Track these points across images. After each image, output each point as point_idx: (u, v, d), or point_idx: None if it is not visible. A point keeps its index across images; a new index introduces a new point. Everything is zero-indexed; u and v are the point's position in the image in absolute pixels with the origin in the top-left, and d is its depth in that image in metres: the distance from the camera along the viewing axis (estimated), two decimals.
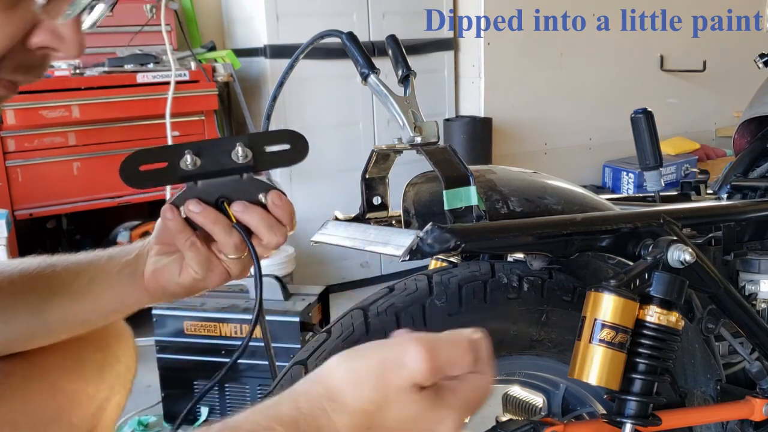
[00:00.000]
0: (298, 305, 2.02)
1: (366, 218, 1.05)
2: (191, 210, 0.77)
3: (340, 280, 3.37)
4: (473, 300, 0.92)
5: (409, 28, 3.39)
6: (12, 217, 2.59)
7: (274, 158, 0.79)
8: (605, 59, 3.98)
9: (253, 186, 0.78)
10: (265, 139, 0.79)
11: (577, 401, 1.08)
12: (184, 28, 3.19)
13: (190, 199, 0.77)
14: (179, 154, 0.75)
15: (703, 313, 1.03)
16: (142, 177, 0.75)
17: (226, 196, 0.78)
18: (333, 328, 0.92)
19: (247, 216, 0.78)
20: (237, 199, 0.78)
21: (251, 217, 0.78)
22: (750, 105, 1.51)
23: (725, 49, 4.32)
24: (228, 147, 0.77)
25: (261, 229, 0.78)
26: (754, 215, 1.16)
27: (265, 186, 0.79)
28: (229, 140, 0.77)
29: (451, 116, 3.62)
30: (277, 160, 0.80)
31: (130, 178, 0.74)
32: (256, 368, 2.03)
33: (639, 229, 0.96)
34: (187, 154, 0.75)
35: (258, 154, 0.77)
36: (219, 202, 0.78)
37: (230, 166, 0.76)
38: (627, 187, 3.97)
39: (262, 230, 0.78)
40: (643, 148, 1.20)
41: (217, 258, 0.81)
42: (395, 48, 1.02)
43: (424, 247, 0.84)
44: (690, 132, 4.36)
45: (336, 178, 3.27)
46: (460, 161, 0.93)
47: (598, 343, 0.85)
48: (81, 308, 0.88)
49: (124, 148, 2.82)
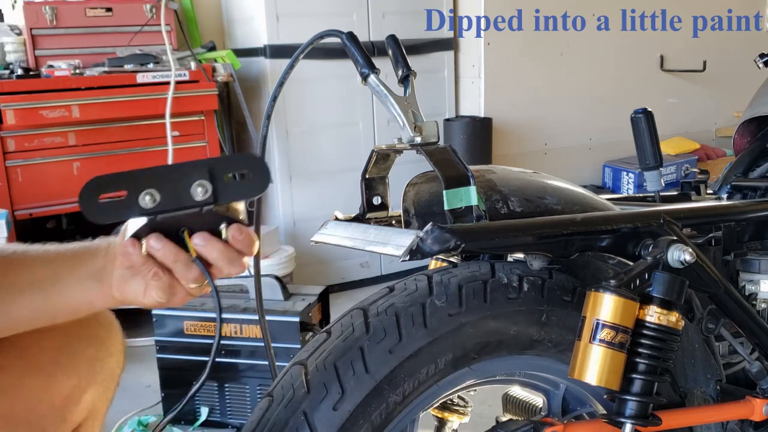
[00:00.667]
0: (298, 305, 2.02)
1: (366, 218, 1.05)
2: (152, 246, 0.77)
3: (340, 280, 3.37)
4: (473, 300, 0.91)
5: (409, 28, 3.39)
6: (12, 217, 2.59)
7: (234, 189, 0.77)
8: (605, 59, 3.98)
9: (214, 218, 0.78)
10: (225, 166, 0.76)
11: (577, 401, 1.08)
12: (184, 28, 3.19)
13: (151, 234, 0.77)
14: (138, 185, 0.73)
15: (703, 313, 1.03)
16: (101, 209, 0.73)
17: (187, 226, 0.78)
18: (333, 328, 0.92)
19: (206, 250, 0.78)
20: (198, 229, 0.78)
21: (211, 252, 0.78)
22: (750, 105, 1.51)
23: (725, 49, 4.32)
24: (188, 180, 0.74)
25: (220, 263, 0.79)
26: (754, 215, 1.16)
27: (226, 219, 0.78)
28: (189, 171, 0.74)
29: (451, 116, 3.63)
30: (237, 191, 0.77)
31: (89, 208, 0.72)
32: (256, 368, 2.03)
33: (639, 229, 0.96)
34: (146, 194, 0.73)
35: (218, 186, 0.75)
36: (180, 232, 0.78)
37: (190, 202, 0.75)
38: (627, 187, 3.96)
39: (222, 264, 0.79)
40: (643, 148, 1.20)
41: (179, 283, 0.82)
42: (395, 48, 1.02)
43: (424, 247, 0.84)
44: (690, 132, 4.36)
45: (336, 178, 3.27)
46: (460, 161, 0.93)
47: (598, 343, 0.85)
48: (47, 301, 0.87)
49: (124, 148, 2.82)
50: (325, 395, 0.84)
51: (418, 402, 0.89)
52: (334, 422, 0.84)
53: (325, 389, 0.85)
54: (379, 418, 0.86)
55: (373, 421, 0.85)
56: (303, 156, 3.25)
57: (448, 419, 1.24)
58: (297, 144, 3.23)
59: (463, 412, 1.23)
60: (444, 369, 0.89)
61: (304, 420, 0.83)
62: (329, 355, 0.87)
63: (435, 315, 0.89)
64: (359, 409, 0.84)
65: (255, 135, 3.10)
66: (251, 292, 2.08)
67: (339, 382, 0.85)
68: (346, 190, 3.13)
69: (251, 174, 0.76)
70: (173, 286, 0.81)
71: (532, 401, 1.20)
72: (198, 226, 0.78)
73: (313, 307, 2.06)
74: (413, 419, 0.94)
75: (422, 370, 0.88)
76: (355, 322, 0.90)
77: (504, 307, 0.93)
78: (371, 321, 0.89)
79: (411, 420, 0.93)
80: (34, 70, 2.77)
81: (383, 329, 0.88)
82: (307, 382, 0.86)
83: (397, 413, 0.87)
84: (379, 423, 0.86)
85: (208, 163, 0.75)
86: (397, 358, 0.87)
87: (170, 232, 0.77)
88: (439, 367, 0.89)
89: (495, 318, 0.92)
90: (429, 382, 0.89)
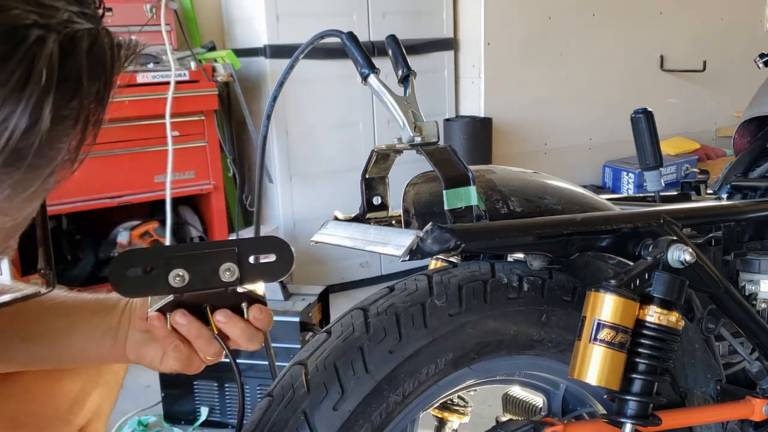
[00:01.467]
0: (298, 305, 2.02)
1: (366, 218, 1.05)
2: (177, 322, 0.79)
3: (340, 280, 3.37)
4: (473, 300, 0.91)
5: (409, 28, 3.39)
6: None
7: (259, 271, 0.79)
8: (605, 59, 3.98)
9: (236, 296, 0.80)
10: (251, 249, 0.79)
11: (577, 401, 1.08)
12: (184, 28, 3.19)
13: (177, 310, 0.79)
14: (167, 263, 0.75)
15: (703, 313, 1.03)
16: (131, 283, 0.75)
17: (209, 303, 0.80)
18: (333, 328, 0.92)
19: (228, 327, 0.80)
20: (220, 306, 0.80)
21: (233, 330, 0.81)
22: (750, 105, 1.51)
23: (725, 49, 4.32)
24: (216, 262, 0.77)
25: (240, 340, 0.81)
26: (754, 215, 1.16)
27: (246, 297, 0.81)
28: (218, 254, 0.77)
29: (451, 116, 3.63)
30: (262, 273, 0.80)
31: (118, 282, 0.74)
32: (256, 368, 2.03)
33: (639, 229, 0.96)
34: (176, 274, 0.75)
35: (244, 267, 0.78)
36: (203, 307, 0.80)
37: (217, 283, 0.77)
38: (627, 187, 3.97)
39: (242, 341, 0.81)
40: (643, 148, 1.20)
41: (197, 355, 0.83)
42: (395, 48, 1.02)
43: (424, 247, 0.84)
44: (690, 132, 4.37)
45: (336, 178, 3.27)
46: (460, 161, 0.92)
47: (598, 343, 0.85)
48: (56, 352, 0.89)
49: (124, 148, 2.82)
50: (325, 395, 0.84)
51: (418, 402, 0.89)
52: (334, 422, 0.84)
53: (325, 389, 0.85)
54: (379, 418, 0.86)
55: (373, 421, 0.85)
56: (303, 156, 3.25)
57: (448, 419, 1.24)
58: (297, 144, 3.23)
59: (463, 412, 1.23)
60: (444, 369, 0.89)
61: (304, 420, 0.83)
62: (329, 355, 0.87)
63: (435, 315, 0.89)
64: (359, 409, 0.85)
65: (255, 135, 3.10)
66: None
67: (339, 382, 0.85)
68: (346, 190, 3.13)
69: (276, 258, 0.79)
70: (191, 358, 0.83)
71: (532, 401, 1.20)
72: (220, 303, 0.80)
73: (313, 307, 2.06)
74: (413, 419, 0.94)
75: (422, 370, 0.88)
76: (355, 322, 0.90)
77: (504, 307, 0.93)
78: (371, 321, 0.89)
79: (411, 420, 0.93)
80: None
81: (383, 329, 0.88)
82: (307, 382, 0.86)
83: (397, 413, 0.87)
84: (379, 423, 0.86)
85: (237, 245, 0.78)
86: (397, 358, 0.87)
87: (193, 307, 0.80)
88: (439, 367, 0.89)
89: (495, 318, 0.92)
90: (429, 382, 0.89)
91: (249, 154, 3.41)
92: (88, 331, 0.88)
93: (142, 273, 0.75)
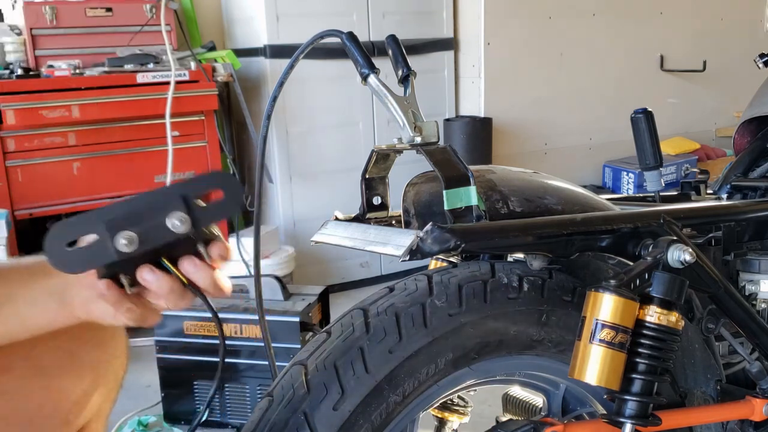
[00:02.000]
0: (298, 305, 2.02)
1: (366, 218, 1.05)
2: (146, 279, 0.74)
3: (340, 280, 3.37)
4: (473, 300, 0.91)
5: (409, 28, 3.39)
6: (12, 217, 2.59)
7: (211, 212, 0.73)
8: (605, 59, 3.98)
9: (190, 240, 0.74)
10: (196, 190, 0.72)
11: (577, 401, 1.08)
12: (184, 28, 3.19)
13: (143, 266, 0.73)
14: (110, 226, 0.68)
15: (703, 313, 1.03)
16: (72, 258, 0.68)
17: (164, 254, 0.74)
18: (333, 328, 0.92)
19: (197, 276, 0.76)
20: (177, 255, 0.74)
21: (201, 277, 0.76)
22: (750, 105, 1.51)
23: (725, 49, 4.32)
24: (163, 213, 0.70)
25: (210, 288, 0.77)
26: (754, 215, 1.16)
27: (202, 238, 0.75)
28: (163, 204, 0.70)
29: (451, 116, 3.63)
30: (214, 213, 0.73)
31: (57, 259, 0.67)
32: (256, 368, 2.03)
33: (639, 229, 0.96)
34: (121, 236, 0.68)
35: (194, 212, 0.71)
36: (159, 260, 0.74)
37: (170, 236, 0.70)
38: (627, 187, 3.96)
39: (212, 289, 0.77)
40: (643, 148, 1.20)
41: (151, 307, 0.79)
42: (395, 48, 1.02)
43: (424, 247, 0.84)
44: (690, 132, 4.36)
45: (336, 178, 3.27)
46: (460, 161, 0.92)
47: (598, 343, 0.85)
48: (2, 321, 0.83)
49: (124, 148, 2.82)
50: (325, 395, 0.84)
51: (418, 402, 0.89)
52: (334, 422, 0.84)
53: (325, 389, 0.85)
54: (379, 418, 0.86)
55: (373, 421, 0.85)
56: (303, 156, 3.25)
57: (448, 419, 1.24)
58: (297, 144, 3.23)
59: (463, 412, 1.23)
60: (444, 369, 0.89)
61: (304, 420, 0.83)
62: (329, 355, 0.87)
63: (435, 315, 0.89)
64: (359, 409, 0.84)
65: (255, 135, 3.10)
66: (251, 292, 2.09)
67: (339, 382, 0.85)
68: (346, 190, 3.13)
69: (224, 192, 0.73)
70: (145, 315, 0.78)
71: (532, 401, 1.20)
72: (176, 252, 0.74)
73: (313, 307, 2.06)
74: (413, 419, 0.94)
75: (422, 370, 0.88)
76: (355, 322, 0.90)
77: (504, 307, 0.93)
78: (371, 321, 0.89)
79: (411, 420, 0.93)
80: (34, 70, 2.77)
81: (383, 329, 0.88)
82: (307, 382, 0.86)
83: (397, 413, 0.87)
84: (379, 423, 0.86)
85: (180, 190, 0.72)
86: (397, 358, 0.87)
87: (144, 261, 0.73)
88: (439, 367, 0.89)
89: (495, 318, 0.92)
90: (429, 382, 0.89)
91: (249, 154, 3.42)
92: (30, 296, 0.81)
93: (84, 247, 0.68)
